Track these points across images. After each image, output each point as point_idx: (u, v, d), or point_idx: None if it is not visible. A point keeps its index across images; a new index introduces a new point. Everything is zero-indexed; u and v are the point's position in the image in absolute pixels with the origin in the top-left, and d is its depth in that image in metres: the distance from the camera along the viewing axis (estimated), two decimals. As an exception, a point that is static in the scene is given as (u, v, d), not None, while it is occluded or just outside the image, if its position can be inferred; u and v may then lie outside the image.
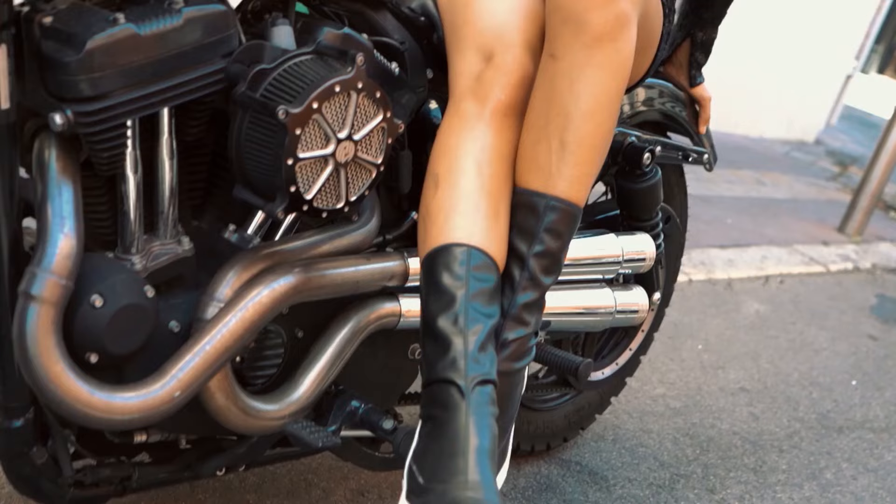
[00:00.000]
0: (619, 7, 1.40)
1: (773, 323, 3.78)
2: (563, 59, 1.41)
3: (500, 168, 1.45)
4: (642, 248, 1.89)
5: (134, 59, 1.23)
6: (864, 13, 7.54)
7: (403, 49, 1.60)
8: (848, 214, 5.31)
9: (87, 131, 1.21)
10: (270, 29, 1.39)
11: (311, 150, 1.31)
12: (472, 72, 1.51)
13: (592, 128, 1.42)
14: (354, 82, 1.33)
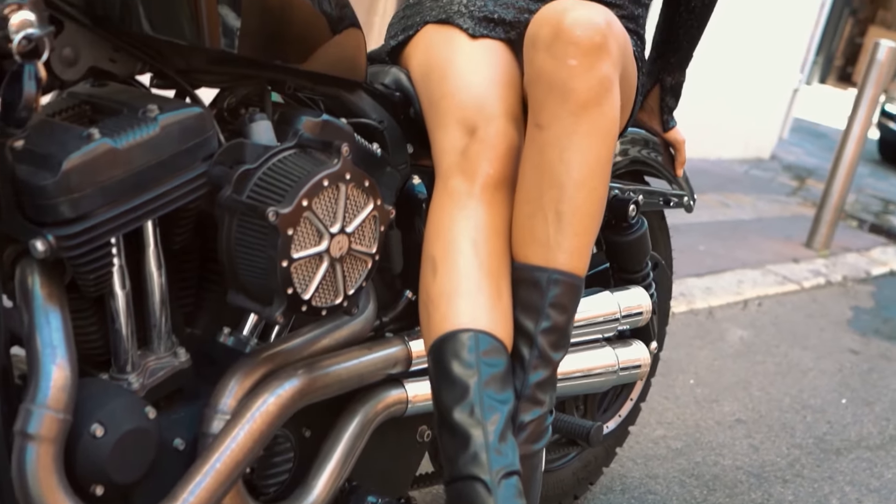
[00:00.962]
0: (602, 72, 1.38)
1: (758, 348, 3.76)
2: (550, 128, 1.38)
3: (497, 244, 1.41)
4: (638, 302, 1.86)
5: (113, 175, 1.18)
6: (804, 27, 7.64)
7: (382, 128, 1.57)
8: (813, 229, 5.34)
9: (71, 255, 1.16)
10: (249, 125, 1.34)
11: (304, 248, 1.26)
12: (456, 147, 1.48)
13: (587, 196, 1.39)
14: (342, 174, 1.29)
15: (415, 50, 1.65)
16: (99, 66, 1.24)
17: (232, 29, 1.25)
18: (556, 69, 1.37)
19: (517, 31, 1.63)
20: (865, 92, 5.12)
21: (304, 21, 1.36)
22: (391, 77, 1.65)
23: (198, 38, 1.23)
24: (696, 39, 2.09)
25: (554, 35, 1.38)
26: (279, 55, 1.34)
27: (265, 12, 1.29)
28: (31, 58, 1.09)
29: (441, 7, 1.65)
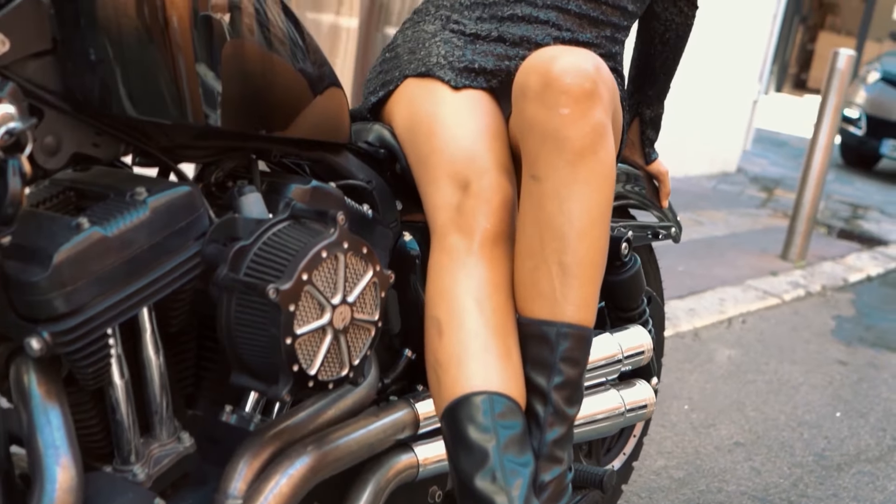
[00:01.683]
0: (595, 118, 1.35)
1: (748, 367, 3.75)
2: (547, 179, 1.36)
3: (501, 300, 1.38)
4: (639, 341, 1.84)
5: (106, 264, 1.14)
6: (759, 38, 7.70)
7: (371, 188, 1.54)
8: (788, 240, 5.35)
9: (68, 350, 1.12)
10: (238, 199, 1.31)
11: (307, 323, 1.23)
12: (450, 203, 1.45)
13: (590, 246, 1.36)
14: (340, 243, 1.26)
15: (397, 105, 1.62)
16: (82, 152, 1.20)
17: (215, 103, 1.22)
18: (548, 119, 1.35)
19: (498, 79, 1.61)
20: (829, 101, 5.15)
21: (285, 85, 1.33)
22: (374, 134, 1.63)
23: (182, 116, 1.20)
24: (673, 71, 2.08)
25: (544, 84, 1.36)
26: (264, 124, 1.31)
27: (246, 80, 1.26)
28: (14, 152, 1.05)
29: (419, 60, 1.63)
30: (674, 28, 2.01)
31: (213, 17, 1.20)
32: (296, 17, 1.36)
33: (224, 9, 1.23)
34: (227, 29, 1.22)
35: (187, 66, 1.18)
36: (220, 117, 1.23)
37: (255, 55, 1.27)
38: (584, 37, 1.67)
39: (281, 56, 1.31)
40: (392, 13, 5.83)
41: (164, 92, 1.18)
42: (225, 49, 1.22)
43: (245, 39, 1.25)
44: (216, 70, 1.22)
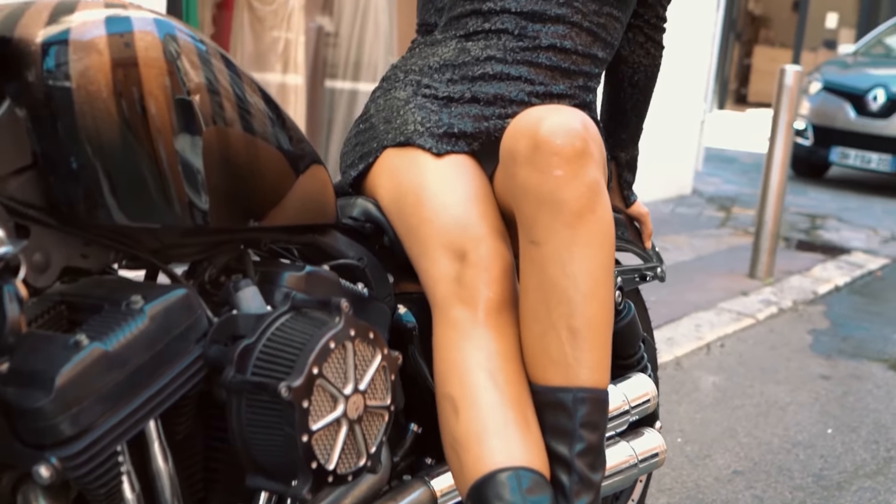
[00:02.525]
0: (589, 176, 1.34)
1: (733, 391, 3.74)
2: (547, 243, 1.33)
3: (513, 370, 1.35)
4: (644, 390, 1.81)
5: (109, 380, 1.10)
6: (702, 58, 7.78)
7: (363, 266, 1.51)
8: (754, 258, 5.37)
9: (79, 473, 1.07)
10: (235, 294, 1.27)
11: (322, 417, 1.19)
12: (448, 275, 1.42)
13: (598, 306, 1.34)
14: (346, 332, 1.22)
15: (378, 177, 1.59)
16: (72, 265, 1.16)
17: (203, 201, 1.18)
18: (542, 182, 1.33)
19: (479, 141, 1.59)
20: (780, 117, 5.20)
21: (270, 171, 1.30)
22: (359, 209, 1.60)
23: (171, 218, 1.16)
24: (645, 112, 2.08)
25: (533, 147, 1.34)
26: (253, 216, 1.28)
27: (232, 172, 1.23)
28: (8, 277, 1.01)
29: (396, 129, 1.60)
30: (642, 70, 2.00)
31: (192, 109, 1.17)
32: (268, 94, 1.33)
33: (202, 97, 1.19)
34: (206, 120, 1.19)
35: (171, 166, 1.15)
36: (209, 215, 1.19)
37: (238, 144, 1.24)
38: (558, 89, 1.66)
39: (263, 141, 1.28)
40: (337, 66, 5.83)
41: (152, 195, 1.15)
42: (207, 142, 1.19)
43: (226, 129, 1.22)
44: (201, 166, 1.18)
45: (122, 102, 1.11)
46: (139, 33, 1.12)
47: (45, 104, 1.09)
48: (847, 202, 8.37)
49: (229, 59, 1.27)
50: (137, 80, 1.12)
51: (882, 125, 8.77)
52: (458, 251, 1.42)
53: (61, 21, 1.10)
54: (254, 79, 1.32)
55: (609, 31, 1.74)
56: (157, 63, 1.13)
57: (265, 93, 1.32)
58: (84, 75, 1.09)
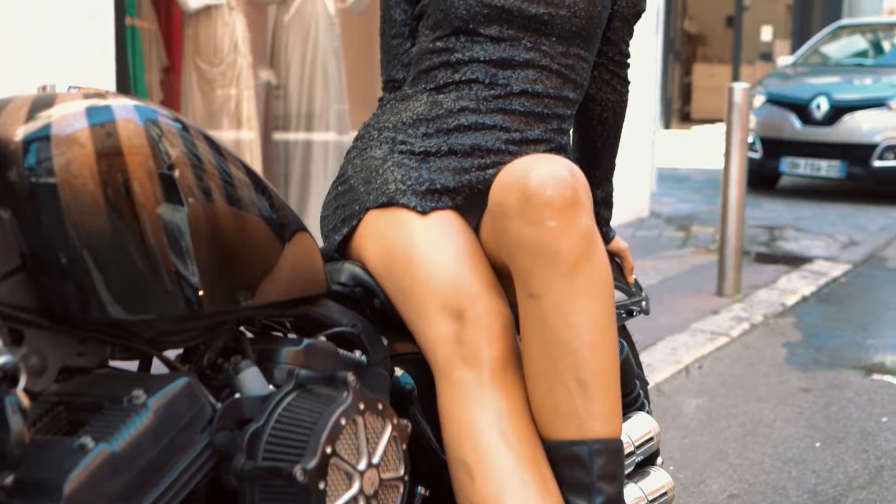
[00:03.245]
0: (582, 225, 1.32)
1: (718, 413, 3.74)
2: (546, 296, 1.32)
3: (524, 427, 1.33)
4: (646, 428, 1.79)
5: (118, 481, 1.06)
6: (649, 80, 7.86)
7: (358, 332, 1.48)
8: (720, 276, 5.39)
9: None
10: (236, 377, 1.24)
11: (339, 497, 1.16)
12: (447, 335, 1.39)
13: (604, 355, 1.32)
14: (356, 406, 1.19)
15: (364, 240, 1.57)
16: (69, 365, 1.12)
17: (197, 287, 1.15)
18: (536, 235, 1.31)
19: (462, 195, 1.58)
20: (733, 135, 5.25)
21: (260, 246, 1.27)
22: (346, 273, 1.57)
23: (166, 308, 1.13)
24: (616, 148, 2.08)
25: (524, 200, 1.32)
26: (246, 294, 1.25)
27: (223, 254, 1.20)
28: (8, 388, 0.97)
29: (377, 190, 1.58)
30: (610, 107, 2.00)
31: (178, 192, 1.14)
32: (249, 167, 1.30)
33: (187, 178, 1.16)
34: (193, 201, 1.16)
35: (163, 254, 1.12)
36: (204, 299, 1.16)
37: (226, 221, 1.21)
38: (533, 134, 1.66)
39: (250, 215, 1.26)
40: (289, 118, 5.82)
41: (147, 286, 1.11)
42: (195, 224, 1.16)
43: (213, 208, 1.20)
44: (192, 250, 1.15)
45: (109, 193, 1.08)
46: (121, 121, 1.10)
47: (29, 203, 1.05)
48: (802, 211, 8.46)
49: (208, 136, 1.25)
50: (123, 169, 1.09)
51: (827, 132, 8.90)
52: (455, 310, 1.40)
53: (41, 116, 1.07)
54: (233, 153, 1.30)
55: (578, 72, 1.74)
56: (142, 150, 1.10)
57: (246, 166, 1.30)
58: (68, 169, 1.06)
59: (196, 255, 1.15)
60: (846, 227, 7.70)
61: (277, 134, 5.88)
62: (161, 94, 5.14)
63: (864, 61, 10.21)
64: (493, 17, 1.66)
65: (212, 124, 5.15)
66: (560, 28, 1.68)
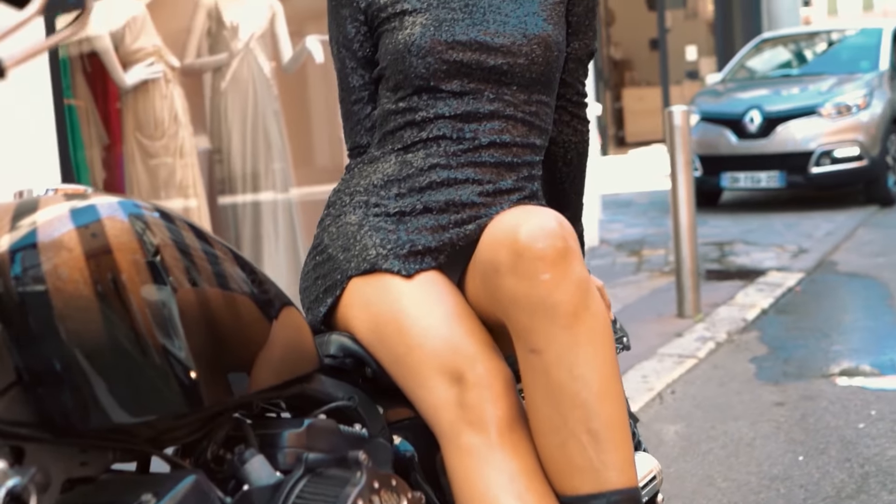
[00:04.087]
0: (576, 274, 1.31)
1: (698, 437, 3.74)
2: (548, 350, 1.30)
3: (539, 487, 1.31)
4: (649, 467, 1.78)
5: None
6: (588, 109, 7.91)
7: (354, 405, 1.45)
8: (680, 298, 5.42)
9: None
10: (242, 468, 1.21)
11: (364, 579, 1.12)
12: (449, 400, 1.37)
13: (613, 404, 1.30)
14: (370, 485, 1.17)
15: (350, 309, 1.54)
16: (73, 476, 1.08)
17: (193, 382, 1.12)
18: (531, 289, 1.30)
19: (444, 254, 1.56)
20: (677, 158, 5.30)
21: (249, 325, 1.24)
22: (335, 345, 1.55)
23: (168, 407, 1.10)
24: (583, 188, 2.07)
25: (515, 256, 1.31)
26: (244, 383, 1.21)
27: (216, 338, 1.17)
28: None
29: (358, 257, 1.56)
30: (573, 148, 2.00)
31: (170, 285, 1.11)
32: (232, 248, 1.28)
33: (177, 270, 1.13)
34: (184, 292, 1.13)
35: (161, 352, 1.09)
36: (204, 393, 1.13)
37: (218, 310, 1.19)
38: (506, 184, 1.65)
39: (239, 298, 1.23)
40: (235, 181, 5.78)
41: (147, 387, 1.08)
42: (189, 315, 1.13)
43: (206, 297, 1.17)
44: (186, 344, 1.12)
45: (101, 294, 1.05)
46: (106, 220, 1.07)
47: (20, 314, 1.02)
48: (748, 224, 8.56)
49: (187, 221, 1.23)
50: (113, 267, 1.06)
51: (763, 144, 9.05)
52: (453, 374, 1.38)
53: (25, 223, 1.04)
54: (211, 233, 1.27)
55: (542, 118, 1.74)
56: (129, 245, 1.07)
57: (226, 245, 1.27)
58: (58, 275, 1.02)
59: (191, 348, 1.12)
60: (793, 235, 7.80)
61: (224, 198, 5.84)
62: (103, 172, 5.08)
63: (789, 72, 10.41)
64: (452, 72, 1.65)
65: (157, 196, 5.09)
66: (520, 76, 1.68)
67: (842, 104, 8.93)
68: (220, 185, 5.80)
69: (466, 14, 1.68)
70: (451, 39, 1.65)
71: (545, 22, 1.71)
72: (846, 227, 8.00)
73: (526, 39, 1.68)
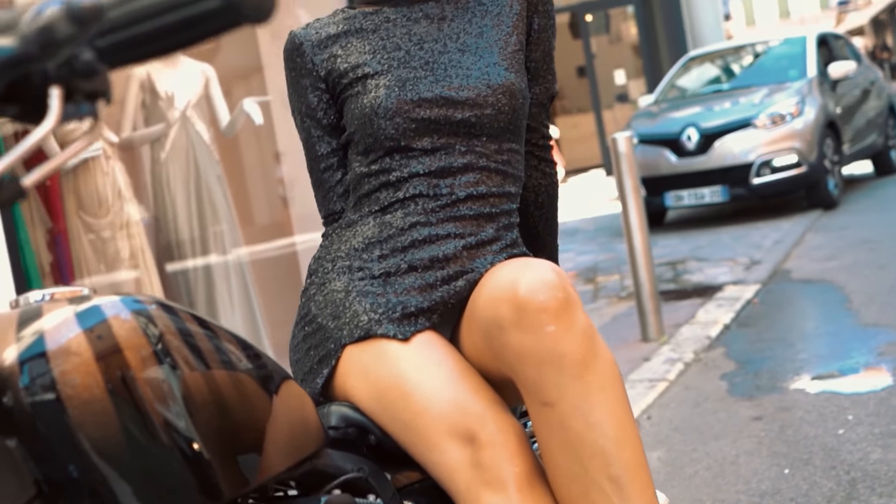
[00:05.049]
0: (580, 322, 1.30)
1: (681, 461, 3.73)
2: (561, 401, 1.28)
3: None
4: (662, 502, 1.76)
5: None
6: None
7: (365, 475, 1.42)
8: (642, 322, 5.45)
9: None
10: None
11: None
12: (463, 462, 1.35)
13: (632, 448, 1.29)
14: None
15: (348, 379, 1.52)
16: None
17: (213, 474, 1.09)
18: (537, 343, 1.28)
19: (437, 313, 1.55)
20: (625, 184, 5.34)
21: (255, 408, 1.21)
22: (336, 416, 1.52)
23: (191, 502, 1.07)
24: (556, 230, 2.07)
25: (518, 311, 1.30)
26: (257, 469, 1.18)
27: (225, 423, 1.14)
28: None
29: (350, 324, 1.54)
30: (543, 190, 2.00)
31: (181, 376, 1.09)
32: (220, 326, 1.26)
33: (186, 360, 1.11)
34: (195, 381, 1.11)
35: (180, 446, 1.06)
36: (222, 485, 1.10)
37: (229, 397, 1.16)
38: (487, 234, 1.65)
39: (247, 381, 1.21)
40: (184, 247, 5.73)
41: (167, 485, 1.05)
42: (204, 405, 1.11)
43: (216, 384, 1.14)
44: (198, 434, 1.09)
45: (115, 395, 1.02)
46: (112, 319, 1.04)
47: (33, 425, 0.98)
48: (697, 240, 8.65)
49: (185, 309, 1.20)
50: (124, 366, 1.03)
51: (703, 160, 9.16)
52: (465, 435, 1.35)
53: (30, 332, 1.01)
54: (207, 318, 1.25)
55: (514, 165, 1.74)
56: (138, 342, 1.05)
57: (223, 328, 1.25)
58: (70, 381, 0.99)
59: (208, 441, 1.09)
60: (743, 247, 7.89)
61: (173, 265, 5.78)
62: (50, 255, 5.00)
63: (720, 87, 10.57)
64: (422, 130, 1.65)
65: (106, 271, 5.02)
66: (489, 127, 1.68)
67: (775, 114, 9.08)
68: (168, 252, 5.74)
69: (428, 71, 1.68)
70: (416, 98, 1.64)
71: (507, 71, 1.71)
72: (794, 234, 8.11)
73: (490, 90, 1.68)
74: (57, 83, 0.77)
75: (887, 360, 4.48)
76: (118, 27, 0.76)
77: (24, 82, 0.77)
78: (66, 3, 0.72)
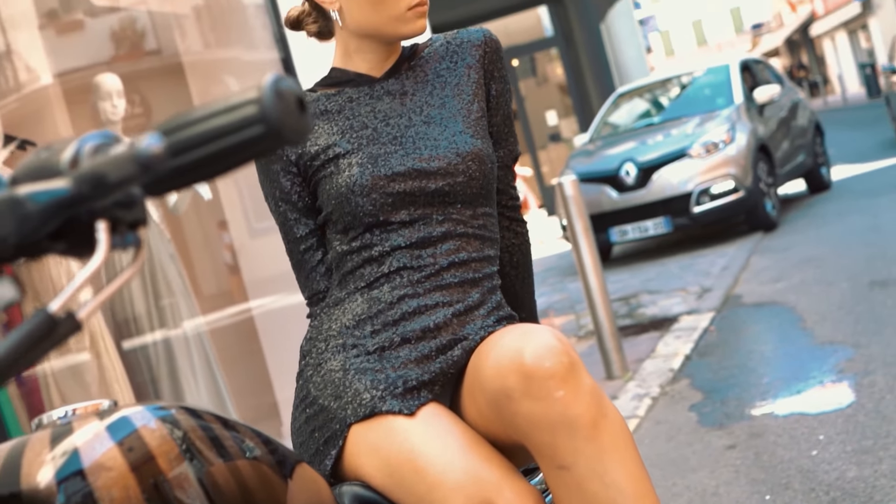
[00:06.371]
0: (587, 384, 1.34)
1: (662, 497, 3.76)
2: (576, 464, 1.32)
3: None
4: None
5: None
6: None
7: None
8: (605, 360, 5.50)
9: None
10: None
11: None
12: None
13: (648, 502, 1.32)
14: None
15: (357, 458, 1.53)
16: None
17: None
18: (548, 409, 1.32)
19: (438, 384, 1.57)
20: (575, 226, 5.42)
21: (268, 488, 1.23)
22: (349, 496, 1.53)
23: None
24: (533, 286, 2.11)
25: (525, 379, 1.33)
26: None
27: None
28: None
29: (353, 403, 1.56)
30: (517, 249, 2.04)
31: (213, 476, 1.11)
32: (236, 421, 1.27)
33: (215, 462, 1.13)
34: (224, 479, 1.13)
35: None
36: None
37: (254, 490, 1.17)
38: (473, 300, 1.68)
39: (265, 470, 1.22)
40: (141, 322, 5.69)
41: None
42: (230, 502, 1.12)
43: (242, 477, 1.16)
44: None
45: (151, 502, 1.03)
46: (143, 429, 1.06)
47: None
48: (646, 273, 8.76)
49: (207, 411, 1.22)
50: (158, 473, 1.04)
51: (643, 194, 9.32)
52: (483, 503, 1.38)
53: (64, 452, 1.02)
54: (223, 414, 1.27)
55: (489, 229, 1.78)
56: (169, 447, 1.07)
57: (246, 424, 1.27)
58: (108, 496, 1.00)
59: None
60: (692, 276, 8.01)
61: (133, 343, 5.74)
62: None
63: (651, 121, 10.77)
64: (398, 203, 1.68)
65: (66, 353, 4.98)
66: (462, 194, 1.72)
67: (708, 142, 9.28)
68: (128, 332, 5.70)
69: (398, 145, 1.72)
70: (390, 172, 1.68)
71: (473, 138, 1.76)
72: (739, 258, 8.26)
73: (460, 158, 1.72)
74: (103, 217, 0.79)
75: (848, 377, 4.57)
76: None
77: (71, 219, 0.79)
78: (131, 146, 0.75)
